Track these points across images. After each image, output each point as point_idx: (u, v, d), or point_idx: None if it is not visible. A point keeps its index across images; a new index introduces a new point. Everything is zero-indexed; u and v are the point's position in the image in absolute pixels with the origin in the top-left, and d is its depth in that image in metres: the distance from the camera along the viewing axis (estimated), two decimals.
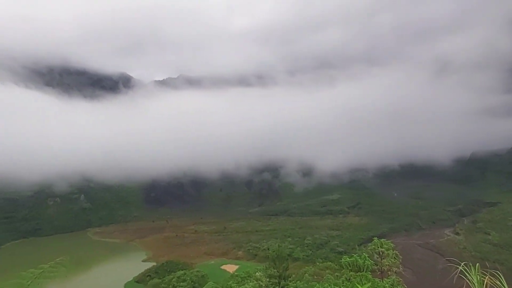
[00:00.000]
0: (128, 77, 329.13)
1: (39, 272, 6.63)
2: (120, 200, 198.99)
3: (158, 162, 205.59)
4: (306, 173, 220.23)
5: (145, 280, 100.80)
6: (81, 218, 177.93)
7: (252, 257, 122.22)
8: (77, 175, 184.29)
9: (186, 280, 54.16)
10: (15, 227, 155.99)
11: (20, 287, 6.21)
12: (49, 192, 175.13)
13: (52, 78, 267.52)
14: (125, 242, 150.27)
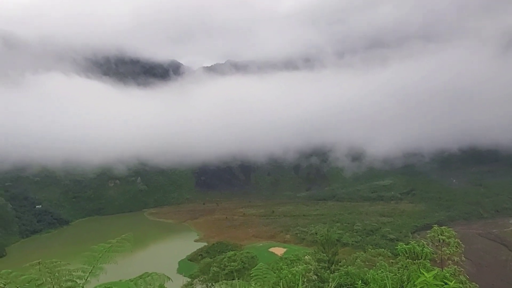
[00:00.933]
0: (178, 64, 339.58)
1: (108, 246, 7.13)
2: (173, 183, 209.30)
3: (208, 147, 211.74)
4: (356, 157, 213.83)
5: (197, 259, 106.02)
6: (138, 199, 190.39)
7: (300, 241, 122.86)
8: (134, 159, 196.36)
9: (237, 261, 55.99)
10: (82, 206, 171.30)
11: (93, 258, 6.73)
12: (110, 175, 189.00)
13: (108, 68, 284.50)
14: (178, 223, 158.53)
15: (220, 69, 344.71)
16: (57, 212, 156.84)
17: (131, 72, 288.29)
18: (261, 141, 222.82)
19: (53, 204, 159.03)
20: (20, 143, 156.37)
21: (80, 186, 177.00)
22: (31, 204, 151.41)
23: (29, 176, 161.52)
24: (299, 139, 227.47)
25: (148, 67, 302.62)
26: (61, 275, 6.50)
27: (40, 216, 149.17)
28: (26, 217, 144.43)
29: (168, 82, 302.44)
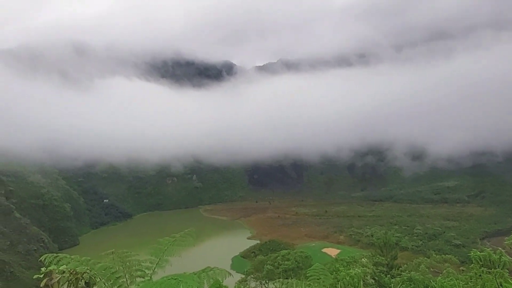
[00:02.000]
0: (231, 65, 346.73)
1: (172, 240, 7.42)
2: (226, 181, 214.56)
3: (260, 145, 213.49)
4: (417, 156, 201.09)
5: (250, 256, 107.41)
6: (193, 196, 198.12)
7: (355, 242, 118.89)
8: (190, 157, 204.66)
9: (291, 260, 55.75)
10: (143, 201, 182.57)
11: (159, 251, 7.05)
12: (168, 172, 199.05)
13: (166, 71, 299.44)
14: (231, 220, 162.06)
15: (272, 68, 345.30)
16: (122, 206, 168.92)
17: (186, 74, 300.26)
18: (314, 140, 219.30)
19: (118, 199, 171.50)
20: (90, 143, 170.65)
21: (142, 182, 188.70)
22: (99, 198, 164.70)
23: (98, 173, 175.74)
24: (354, 138, 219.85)
25: (202, 69, 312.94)
26: (132, 264, 6.91)
27: (107, 209, 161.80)
28: (96, 210, 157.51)
29: (221, 82, 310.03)
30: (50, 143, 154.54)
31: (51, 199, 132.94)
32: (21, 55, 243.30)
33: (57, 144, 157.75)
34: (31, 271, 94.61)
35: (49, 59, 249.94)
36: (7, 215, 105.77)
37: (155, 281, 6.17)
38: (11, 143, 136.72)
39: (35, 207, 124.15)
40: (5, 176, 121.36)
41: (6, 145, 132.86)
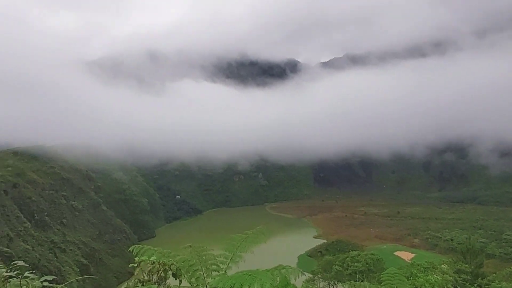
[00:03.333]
0: (295, 63, 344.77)
1: (245, 237, 7.40)
2: (292, 179, 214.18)
3: (326, 143, 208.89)
4: (506, 153, 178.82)
5: (316, 255, 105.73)
6: (259, 193, 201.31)
7: (431, 247, 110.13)
8: (256, 156, 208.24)
9: (361, 261, 53.40)
10: (212, 198, 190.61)
11: (233, 246, 7.08)
12: (235, 170, 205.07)
13: (231, 71, 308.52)
14: (297, 218, 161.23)
15: (337, 64, 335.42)
16: (192, 202, 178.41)
17: (250, 74, 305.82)
18: (384, 137, 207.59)
19: (189, 195, 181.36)
20: (164, 142, 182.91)
21: (210, 180, 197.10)
22: (172, 194, 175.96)
23: (171, 170, 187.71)
24: (430, 133, 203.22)
25: (266, 68, 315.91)
26: (207, 258, 7.08)
27: (179, 205, 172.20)
28: (169, 205, 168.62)
29: (285, 80, 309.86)
30: (130, 143, 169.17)
31: (131, 194, 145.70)
32: (105, 64, 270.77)
33: (136, 144, 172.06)
34: (116, 259, 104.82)
35: (127, 67, 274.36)
36: (96, 207, 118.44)
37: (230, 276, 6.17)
38: (98, 143, 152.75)
39: (118, 201, 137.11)
40: (94, 173, 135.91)
41: (94, 145, 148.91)
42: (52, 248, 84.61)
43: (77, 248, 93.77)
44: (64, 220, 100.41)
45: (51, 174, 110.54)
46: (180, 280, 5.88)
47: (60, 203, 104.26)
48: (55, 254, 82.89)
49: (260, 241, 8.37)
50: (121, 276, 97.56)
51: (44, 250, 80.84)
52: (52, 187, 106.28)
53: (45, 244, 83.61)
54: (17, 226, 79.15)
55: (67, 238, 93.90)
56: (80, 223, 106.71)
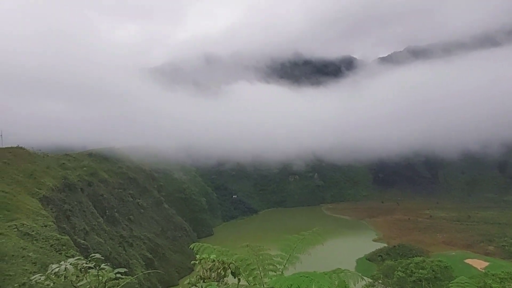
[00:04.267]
0: (351, 59, 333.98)
1: (301, 238, 7.32)
2: (349, 179, 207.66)
3: (385, 142, 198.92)
4: None
5: (376, 259, 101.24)
6: (315, 194, 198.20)
7: (509, 255, 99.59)
8: (311, 156, 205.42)
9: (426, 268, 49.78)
10: (267, 197, 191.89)
11: (289, 247, 7.04)
12: (290, 170, 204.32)
13: (284, 72, 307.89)
14: (355, 220, 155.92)
15: (397, 58, 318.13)
16: (248, 202, 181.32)
17: (304, 73, 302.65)
18: (451, 134, 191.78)
19: (245, 195, 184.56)
20: (221, 143, 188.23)
21: (266, 180, 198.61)
22: (229, 194, 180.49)
23: (227, 170, 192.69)
24: (505, 130, 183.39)
25: (320, 66, 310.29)
26: (264, 258, 7.13)
27: (236, 204, 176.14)
28: (226, 204, 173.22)
29: (340, 78, 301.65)
30: (189, 144, 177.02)
31: (191, 193, 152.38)
32: (165, 71, 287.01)
33: (195, 145, 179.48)
34: (177, 255, 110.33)
35: (185, 72, 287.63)
36: (159, 205, 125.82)
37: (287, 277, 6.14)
38: (160, 145, 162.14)
39: (178, 200, 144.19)
40: (157, 173, 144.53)
41: (157, 147, 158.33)
42: (121, 242, 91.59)
43: (143, 243, 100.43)
44: (131, 216, 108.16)
45: (119, 174, 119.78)
46: (238, 279, 5.98)
47: (128, 201, 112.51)
48: (123, 248, 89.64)
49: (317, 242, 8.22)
50: (182, 271, 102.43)
51: (114, 243, 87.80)
52: (121, 185, 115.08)
53: (115, 238, 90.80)
54: (92, 221, 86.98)
55: (134, 233, 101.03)
56: (145, 219, 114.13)
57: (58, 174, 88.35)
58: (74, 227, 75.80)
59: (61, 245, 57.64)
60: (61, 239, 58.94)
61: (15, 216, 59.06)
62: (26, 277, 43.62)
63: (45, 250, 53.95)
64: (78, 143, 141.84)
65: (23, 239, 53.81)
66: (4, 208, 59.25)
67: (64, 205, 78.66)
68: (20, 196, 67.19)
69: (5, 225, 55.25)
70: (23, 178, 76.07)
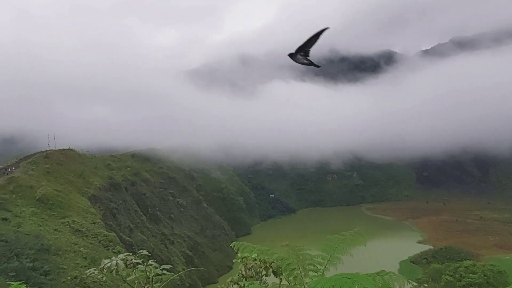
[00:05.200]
0: (390, 54, 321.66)
1: (342, 238, 7.11)
2: (390, 178, 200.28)
3: (429, 139, 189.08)
4: None
5: (421, 262, 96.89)
6: (354, 193, 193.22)
7: None
8: (349, 154, 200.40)
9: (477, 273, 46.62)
10: (305, 197, 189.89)
11: (329, 247, 6.86)
12: (327, 169, 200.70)
13: (320, 69, 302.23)
14: (397, 221, 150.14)
15: (441, 50, 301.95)
16: (285, 201, 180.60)
17: (340, 70, 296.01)
18: (504, 129, 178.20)
19: (283, 194, 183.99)
20: (257, 142, 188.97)
21: (303, 179, 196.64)
22: (266, 193, 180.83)
23: (264, 170, 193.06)
24: None
25: (357, 62, 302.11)
26: (304, 258, 7.02)
27: (273, 203, 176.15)
28: (264, 204, 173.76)
29: (379, 74, 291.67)
30: (226, 144, 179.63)
31: (229, 192, 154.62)
32: (201, 72, 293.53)
33: (231, 144, 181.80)
34: (216, 253, 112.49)
35: (221, 73, 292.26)
36: (198, 204, 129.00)
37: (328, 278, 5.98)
38: (198, 145, 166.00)
39: (217, 199, 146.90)
40: (196, 173, 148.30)
41: (195, 147, 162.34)
42: (163, 239, 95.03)
43: (183, 240, 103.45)
44: (172, 215, 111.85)
45: (160, 174, 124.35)
46: (280, 278, 5.93)
47: (168, 200, 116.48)
48: (165, 245, 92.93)
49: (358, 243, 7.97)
50: (221, 269, 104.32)
51: (157, 241, 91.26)
52: (162, 185, 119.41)
53: (157, 236, 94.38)
54: (136, 218, 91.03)
55: (174, 231, 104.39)
56: (185, 218, 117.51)
57: (104, 174, 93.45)
58: (120, 225, 79.72)
59: (108, 241, 60.92)
60: (108, 236, 62.31)
61: (67, 214, 63.22)
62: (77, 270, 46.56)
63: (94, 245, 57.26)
64: (121, 144, 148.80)
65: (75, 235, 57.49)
66: (58, 206, 63.61)
67: (110, 203, 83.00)
68: (71, 194, 71.84)
69: (59, 222, 59.35)
70: (74, 178, 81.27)
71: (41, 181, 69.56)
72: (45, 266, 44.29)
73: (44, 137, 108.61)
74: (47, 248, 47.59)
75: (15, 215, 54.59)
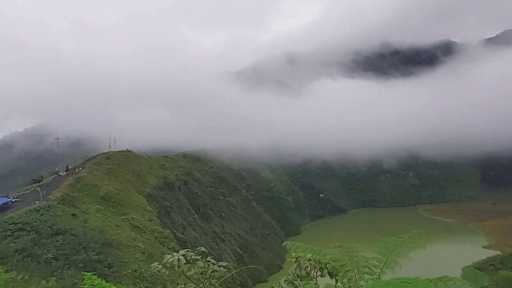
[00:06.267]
0: (449, 44, 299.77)
1: (399, 240, 6.75)
2: (450, 178, 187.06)
3: (496, 135, 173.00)
4: None
5: (487, 268, 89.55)
6: (410, 194, 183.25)
7: None
8: (404, 152, 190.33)
9: None
10: (356, 197, 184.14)
11: (386, 250, 6.56)
12: (380, 168, 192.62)
13: (370, 64, 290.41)
14: (459, 223, 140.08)
15: (507, 38, 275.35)
16: (335, 201, 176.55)
17: (392, 64, 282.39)
18: None
19: (332, 194, 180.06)
20: (306, 141, 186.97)
21: (354, 178, 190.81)
22: (315, 193, 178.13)
23: (313, 169, 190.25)
24: None
25: (411, 55, 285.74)
26: (359, 260, 6.76)
27: (323, 203, 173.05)
28: (313, 203, 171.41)
29: (435, 67, 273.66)
30: (274, 143, 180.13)
31: (278, 192, 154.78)
32: (249, 73, 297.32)
33: (279, 143, 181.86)
34: (266, 252, 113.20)
35: (268, 72, 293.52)
36: (248, 203, 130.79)
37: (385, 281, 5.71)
38: (247, 144, 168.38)
39: (266, 199, 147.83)
40: (245, 172, 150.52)
41: (243, 146, 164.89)
42: (214, 237, 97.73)
43: (234, 239, 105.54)
44: (222, 213, 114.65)
45: (211, 173, 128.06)
46: (336, 280, 5.79)
47: (219, 199, 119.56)
48: (216, 243, 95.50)
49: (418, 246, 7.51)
50: (271, 268, 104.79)
51: (208, 238, 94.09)
52: (212, 184, 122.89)
53: (208, 234, 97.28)
54: (188, 216, 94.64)
55: (225, 229, 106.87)
56: (235, 217, 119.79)
57: (159, 174, 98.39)
58: (174, 222, 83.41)
59: (164, 238, 64.06)
60: (163, 232, 65.54)
61: (127, 211, 67.55)
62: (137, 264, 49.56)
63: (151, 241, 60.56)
64: (174, 145, 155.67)
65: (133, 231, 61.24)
66: (119, 204, 68.22)
67: (165, 202, 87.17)
68: (130, 193, 76.63)
69: (119, 218, 63.63)
70: (132, 178, 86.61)
71: (103, 180, 75.07)
72: (108, 259, 47.74)
73: (105, 140, 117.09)
74: (110, 243, 51.25)
75: (82, 212, 59.52)
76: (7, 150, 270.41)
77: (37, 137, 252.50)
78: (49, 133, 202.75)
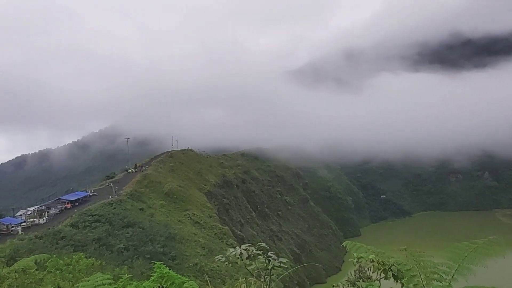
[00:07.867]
0: None
1: (474, 246, 6.16)
2: None
3: None
4: None
5: None
6: (486, 196, 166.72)
7: None
8: (478, 151, 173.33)
9: None
10: (422, 199, 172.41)
11: (457, 256, 6.03)
12: (450, 168, 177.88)
13: (436, 57, 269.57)
14: None
15: None
16: (399, 203, 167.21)
17: (463, 55, 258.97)
18: None
19: (395, 195, 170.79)
20: (366, 139, 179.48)
21: (419, 179, 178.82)
22: (377, 194, 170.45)
23: (374, 168, 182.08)
24: None
25: (485, 45, 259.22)
26: (426, 265, 6.33)
27: (385, 205, 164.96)
28: (374, 204, 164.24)
29: None
30: (331, 142, 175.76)
31: (336, 192, 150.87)
32: (306, 71, 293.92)
33: (338, 142, 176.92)
34: (324, 252, 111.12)
35: (326, 70, 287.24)
36: (305, 203, 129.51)
37: None
38: (303, 143, 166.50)
39: (324, 198, 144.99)
40: (302, 171, 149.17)
41: (300, 145, 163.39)
42: (271, 235, 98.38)
43: (291, 238, 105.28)
44: (279, 212, 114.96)
45: (268, 172, 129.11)
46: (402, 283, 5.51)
47: (276, 197, 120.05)
48: (273, 241, 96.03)
49: (495, 253, 6.81)
50: (329, 269, 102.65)
51: (265, 236, 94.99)
52: (269, 183, 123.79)
53: (266, 232, 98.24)
54: (246, 214, 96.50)
55: (282, 228, 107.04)
56: (292, 216, 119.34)
57: (218, 172, 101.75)
58: (232, 219, 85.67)
59: (223, 234, 66.12)
60: (222, 229, 67.67)
61: (188, 207, 70.93)
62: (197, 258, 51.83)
63: (211, 237, 62.91)
64: (232, 144, 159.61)
65: (194, 226, 64.13)
66: (181, 200, 71.93)
67: (224, 199, 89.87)
68: (191, 190, 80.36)
69: (181, 214, 67.07)
70: (193, 175, 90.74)
71: (167, 178, 79.70)
72: (172, 252, 50.65)
73: (169, 139, 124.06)
74: (173, 236, 54.33)
75: (148, 206, 63.88)
76: (85, 149, 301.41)
77: (110, 137, 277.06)
78: (120, 134, 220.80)
